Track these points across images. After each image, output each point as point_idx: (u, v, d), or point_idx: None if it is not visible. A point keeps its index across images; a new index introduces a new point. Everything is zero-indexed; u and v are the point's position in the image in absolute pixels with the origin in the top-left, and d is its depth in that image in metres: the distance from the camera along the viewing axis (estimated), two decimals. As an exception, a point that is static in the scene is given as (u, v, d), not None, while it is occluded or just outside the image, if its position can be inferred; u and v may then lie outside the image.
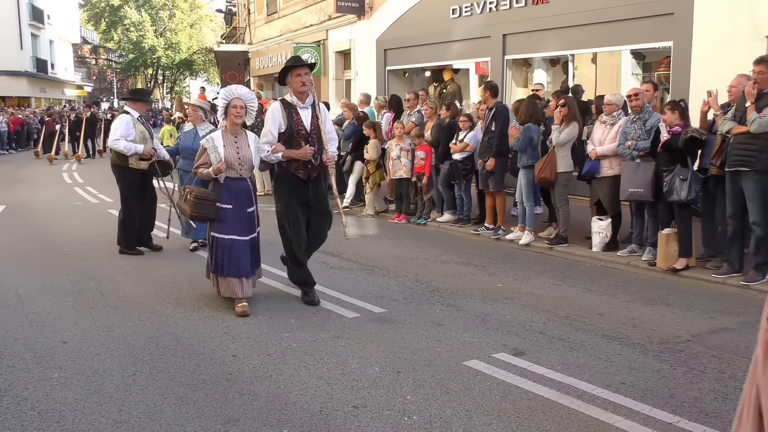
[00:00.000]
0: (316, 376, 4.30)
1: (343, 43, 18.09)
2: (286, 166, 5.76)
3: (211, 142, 5.61)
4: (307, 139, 5.72)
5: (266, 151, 5.71)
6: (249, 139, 5.70)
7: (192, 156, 7.77)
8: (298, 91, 5.73)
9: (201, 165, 5.62)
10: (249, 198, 5.72)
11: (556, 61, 12.88)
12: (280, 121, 5.69)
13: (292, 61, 5.90)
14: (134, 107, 7.90)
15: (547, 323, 5.37)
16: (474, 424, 3.64)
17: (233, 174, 5.60)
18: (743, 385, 4.05)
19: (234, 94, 5.61)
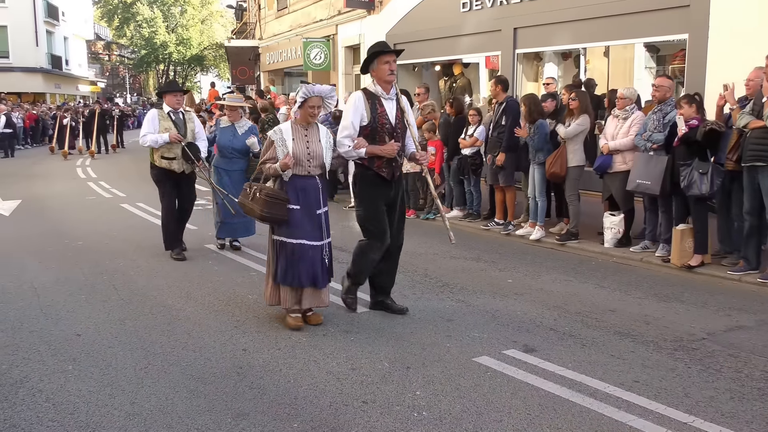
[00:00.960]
0: (325, 370, 4.30)
1: (353, 38, 18.05)
2: (368, 163, 5.14)
3: (278, 134, 5.03)
4: (391, 134, 5.15)
5: (347, 146, 5.08)
6: (321, 133, 5.11)
7: (232, 154, 7.63)
8: (384, 80, 5.11)
9: (267, 160, 5.02)
10: (318, 198, 5.09)
11: (567, 54, 12.78)
12: (362, 113, 5.09)
13: (380, 47, 5.21)
14: (166, 101, 7.38)
15: (558, 320, 5.34)
16: (484, 420, 3.62)
17: (301, 171, 5.01)
18: (760, 385, 4.02)
19: (314, 92, 5.01)
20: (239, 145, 7.60)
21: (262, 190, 5.01)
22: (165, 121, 7.21)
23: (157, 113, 7.28)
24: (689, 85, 9.24)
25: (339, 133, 5.15)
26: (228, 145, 7.62)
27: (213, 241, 8.30)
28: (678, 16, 9.68)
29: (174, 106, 7.29)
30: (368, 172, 5.19)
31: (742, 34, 8.71)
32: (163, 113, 7.26)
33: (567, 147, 7.81)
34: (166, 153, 7.19)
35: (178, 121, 7.28)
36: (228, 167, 7.66)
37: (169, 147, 7.17)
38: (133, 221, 9.95)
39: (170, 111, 7.28)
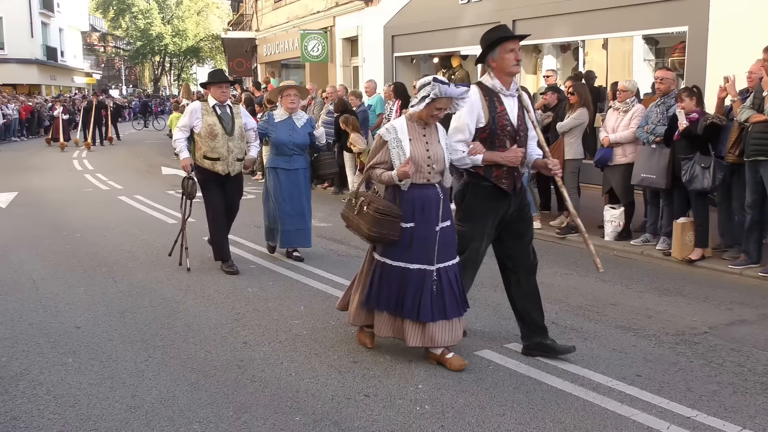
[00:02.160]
0: (327, 363, 4.28)
1: (351, 30, 17.97)
2: (485, 173, 4.24)
3: (392, 134, 4.16)
4: (514, 138, 4.26)
5: (461, 152, 4.21)
6: (440, 133, 4.26)
7: (293, 151, 6.74)
8: (507, 72, 4.25)
9: (377, 165, 4.19)
10: (439, 211, 4.21)
11: (566, 47, 12.76)
12: (479, 112, 4.19)
13: (504, 31, 4.36)
14: (211, 93, 6.45)
15: (560, 313, 5.33)
16: (487, 414, 3.61)
17: (420, 179, 4.14)
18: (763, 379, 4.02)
19: (446, 93, 4.07)
20: (301, 140, 6.73)
21: (371, 203, 4.15)
22: (209, 115, 6.34)
23: (200, 107, 6.42)
24: (689, 77, 9.22)
25: (450, 137, 4.27)
26: (288, 140, 6.68)
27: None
28: (678, 8, 9.65)
29: (220, 99, 6.41)
30: (484, 183, 4.27)
31: (742, 26, 8.69)
32: (208, 107, 6.39)
33: (564, 140, 7.80)
34: (209, 152, 6.33)
35: (224, 116, 6.41)
36: (288, 166, 6.76)
37: (212, 146, 6.33)
38: (130, 213, 9.91)
39: (216, 104, 6.40)
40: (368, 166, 4.28)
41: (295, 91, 6.81)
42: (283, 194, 6.74)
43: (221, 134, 6.33)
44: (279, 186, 6.76)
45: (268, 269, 6.62)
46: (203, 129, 6.32)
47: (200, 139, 6.35)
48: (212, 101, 6.41)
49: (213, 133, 6.30)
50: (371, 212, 4.12)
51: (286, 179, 6.75)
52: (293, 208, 6.72)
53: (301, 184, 6.83)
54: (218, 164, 6.37)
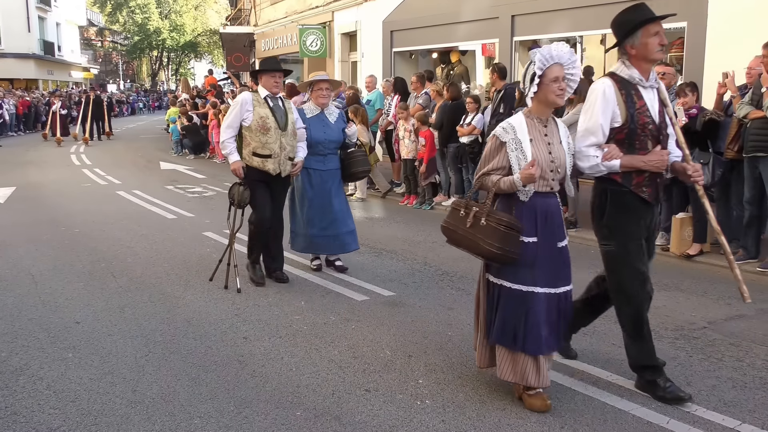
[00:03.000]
0: (327, 359, 4.29)
1: (349, 25, 17.93)
2: (623, 180, 3.63)
3: (510, 133, 3.54)
4: (656, 138, 3.64)
5: (594, 158, 3.57)
6: (561, 131, 3.63)
7: (327, 150, 6.11)
8: (651, 59, 3.64)
9: (493, 171, 3.57)
10: (561, 224, 3.68)
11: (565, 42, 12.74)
12: (614, 108, 3.57)
13: (646, 12, 3.70)
14: (262, 82, 5.85)
15: (559, 308, 5.33)
16: (488, 408, 3.63)
17: (542, 186, 3.54)
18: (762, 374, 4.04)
19: (554, 58, 3.49)
20: (336, 137, 6.14)
21: (490, 214, 3.54)
22: (261, 107, 5.73)
23: (251, 98, 5.78)
24: (688, 73, 9.21)
25: (579, 141, 3.62)
26: (322, 138, 6.05)
27: (210, 228, 8.29)
28: (676, 3, 9.62)
29: (272, 90, 5.79)
30: (622, 191, 3.65)
31: (741, 22, 8.68)
32: (259, 98, 5.77)
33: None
34: (259, 148, 5.70)
35: (276, 108, 5.78)
36: (322, 166, 6.13)
37: (263, 141, 5.68)
38: (129, 209, 9.90)
39: (268, 96, 5.78)
40: (481, 173, 3.64)
41: (327, 85, 6.16)
42: (316, 197, 6.09)
43: (274, 128, 5.70)
44: (311, 188, 6.10)
45: (267, 264, 6.61)
46: (254, 122, 5.70)
47: (250, 133, 5.73)
48: (263, 92, 5.80)
49: (265, 126, 5.68)
50: (493, 225, 3.49)
51: (319, 181, 6.11)
52: (328, 211, 6.09)
53: (337, 185, 6.24)
54: (269, 162, 5.72)
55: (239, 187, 5.78)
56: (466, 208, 3.68)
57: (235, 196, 5.79)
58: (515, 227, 3.49)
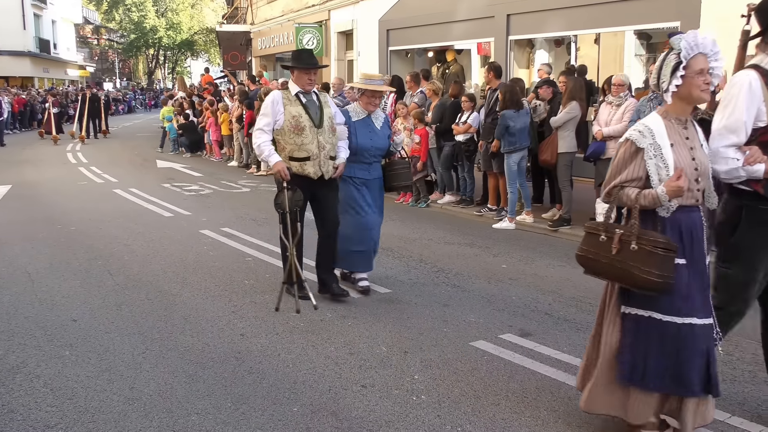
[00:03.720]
0: (324, 355, 4.33)
1: (346, 24, 17.97)
2: (764, 190, 3.16)
3: (648, 137, 3.05)
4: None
5: (734, 160, 3.13)
6: (700, 135, 3.19)
7: (374, 158, 5.62)
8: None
9: (627, 182, 3.08)
10: (704, 242, 3.11)
11: (559, 41, 12.80)
12: (759, 105, 3.15)
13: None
14: (293, 78, 5.35)
15: (553, 304, 5.39)
16: (482, 404, 3.67)
17: (688, 199, 3.04)
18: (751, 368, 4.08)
19: (698, 45, 3.02)
20: (382, 144, 5.64)
21: (641, 236, 2.99)
22: (293, 105, 5.22)
23: (281, 97, 5.26)
24: (681, 72, 9.27)
25: (717, 140, 3.21)
26: (369, 145, 5.53)
27: (207, 226, 8.32)
28: (669, 3, 9.70)
29: (305, 87, 5.29)
30: (762, 206, 3.19)
31: (733, 22, 8.73)
32: (290, 95, 5.27)
33: (558, 134, 7.86)
34: (295, 151, 5.19)
35: (310, 105, 5.27)
36: (367, 175, 5.61)
37: (298, 142, 5.17)
38: (126, 207, 9.92)
39: (299, 92, 5.29)
40: (612, 184, 3.12)
41: (381, 96, 5.73)
42: (366, 205, 5.60)
43: (309, 127, 5.18)
44: (354, 200, 5.57)
45: (264, 262, 6.66)
46: (286, 123, 5.18)
47: (282, 136, 5.22)
48: (294, 88, 5.30)
49: (299, 126, 5.16)
50: (648, 249, 2.94)
51: (366, 191, 5.61)
52: (368, 224, 5.59)
53: (379, 194, 5.75)
54: (308, 165, 5.18)
55: (287, 191, 5.15)
56: (607, 232, 3.10)
57: (285, 203, 5.16)
58: (672, 248, 2.95)
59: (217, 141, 16.54)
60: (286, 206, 5.17)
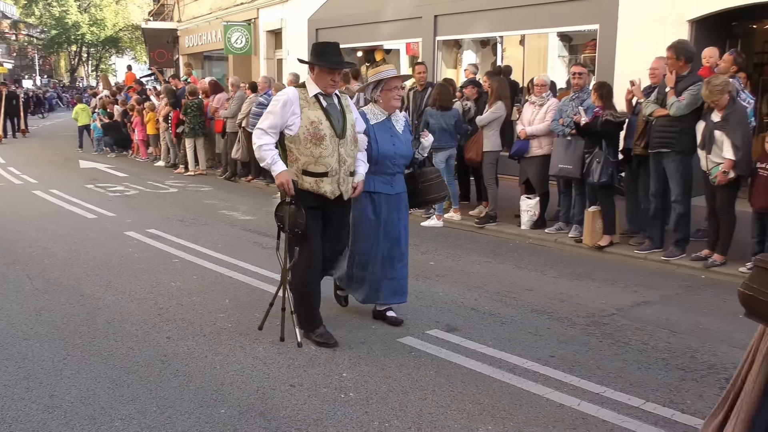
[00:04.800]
0: (252, 355, 4.31)
1: (275, 23, 17.82)
2: None
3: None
4: None
5: None
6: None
7: (396, 168, 4.75)
8: None
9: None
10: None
11: (485, 42, 13.09)
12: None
13: None
14: (314, 77, 4.41)
15: (479, 299, 5.52)
16: (410, 399, 3.74)
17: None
18: (664, 356, 4.31)
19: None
20: (407, 151, 4.81)
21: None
22: (311, 108, 4.33)
23: (297, 96, 4.35)
24: (599, 74, 9.65)
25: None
26: (391, 152, 4.67)
27: (133, 227, 8.11)
28: (589, 6, 10.09)
29: (327, 89, 4.40)
30: None
31: (649, 25, 9.16)
32: (307, 96, 4.37)
33: (483, 133, 8.05)
34: (311, 165, 4.32)
35: (331, 109, 4.39)
36: (390, 189, 4.75)
37: (316, 154, 4.30)
38: (47, 208, 9.55)
39: (319, 94, 4.40)
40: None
41: (401, 83, 4.87)
42: (382, 229, 4.76)
43: (329, 136, 4.30)
44: (376, 218, 4.73)
45: (191, 263, 6.55)
46: (303, 129, 4.29)
47: (297, 145, 4.32)
48: (313, 89, 4.39)
49: (318, 134, 4.28)
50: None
51: (386, 209, 4.74)
52: (395, 248, 4.81)
53: (402, 214, 4.86)
54: (325, 182, 4.33)
55: (289, 206, 4.36)
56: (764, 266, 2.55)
57: (286, 219, 4.38)
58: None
59: (143, 140, 16.11)
60: (287, 224, 4.38)
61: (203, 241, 7.42)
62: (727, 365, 4.18)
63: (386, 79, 4.67)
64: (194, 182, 12.18)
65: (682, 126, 6.26)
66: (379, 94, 4.73)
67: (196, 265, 6.46)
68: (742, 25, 9.87)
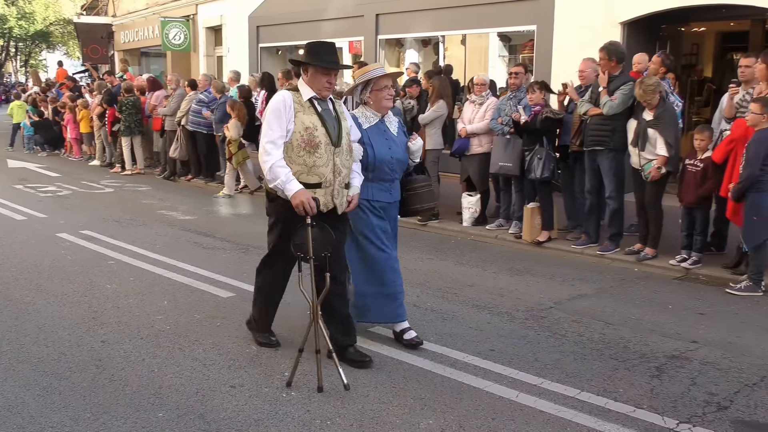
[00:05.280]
0: (191, 357, 4.23)
1: (214, 19, 17.52)
2: None
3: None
4: None
5: None
6: None
7: (394, 175, 4.43)
8: None
9: None
10: None
11: (427, 41, 13.20)
12: None
13: None
14: (307, 79, 4.05)
15: (421, 296, 5.56)
16: (352, 396, 3.73)
17: None
18: (599, 347, 4.44)
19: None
20: (403, 155, 4.47)
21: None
22: (305, 113, 3.99)
23: (291, 100, 4.00)
24: (537, 73, 9.86)
25: None
26: (387, 156, 4.35)
27: (66, 229, 7.84)
28: (527, 7, 10.30)
29: (322, 92, 4.05)
30: None
31: (583, 27, 9.41)
32: (301, 99, 4.02)
33: (425, 131, 8.11)
34: (304, 174, 3.97)
35: (326, 115, 4.05)
36: (388, 197, 4.46)
37: (310, 163, 3.96)
38: (-29, 211, 9.14)
39: (314, 98, 4.05)
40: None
41: (391, 82, 4.50)
42: (387, 240, 4.47)
43: (324, 144, 3.98)
44: (377, 228, 4.40)
45: (128, 265, 6.38)
46: (296, 135, 3.96)
47: (289, 152, 3.97)
48: (307, 92, 4.04)
49: (312, 141, 3.96)
50: None
51: (384, 219, 4.46)
52: (393, 260, 4.53)
53: (395, 224, 4.62)
54: (318, 194, 3.98)
55: (311, 228, 3.86)
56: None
57: (309, 244, 3.84)
58: None
59: (76, 139, 15.58)
60: (310, 250, 3.84)
61: (141, 242, 7.23)
62: (658, 354, 4.34)
63: (374, 79, 4.37)
64: (131, 182, 11.87)
65: (615, 124, 6.46)
66: (369, 95, 4.42)
67: (133, 267, 6.29)
68: (671, 27, 10.25)
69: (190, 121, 11.29)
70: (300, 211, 3.88)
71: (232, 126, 10.10)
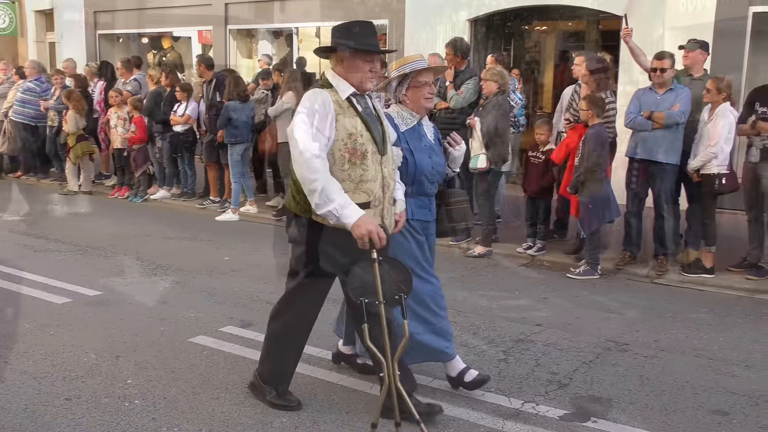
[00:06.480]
0: (19, 371, 3.85)
1: (44, 2, 16.17)
2: None
3: None
4: None
5: None
6: None
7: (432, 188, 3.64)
8: None
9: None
10: None
11: (280, 33, 13.02)
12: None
13: None
14: (340, 70, 3.22)
15: (275, 292, 5.35)
16: (201, 399, 3.57)
17: None
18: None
19: None
20: (443, 166, 3.70)
21: None
22: (347, 115, 3.17)
23: (330, 100, 3.14)
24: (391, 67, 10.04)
25: None
26: (429, 166, 3.57)
27: None
28: (379, 1, 10.45)
29: (364, 84, 3.22)
30: None
31: (433, 23, 9.70)
32: (340, 99, 3.18)
33: (276, 124, 7.97)
34: (350, 192, 3.12)
35: (368, 116, 3.24)
36: (429, 215, 3.69)
37: (356, 177, 3.16)
38: None
39: (353, 94, 3.22)
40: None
41: (433, 78, 3.70)
42: (429, 267, 3.72)
43: (371, 153, 3.20)
44: (419, 256, 3.62)
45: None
46: (339, 143, 3.14)
47: (331, 165, 3.13)
48: (345, 88, 3.21)
49: (358, 150, 3.16)
50: None
51: (424, 241, 3.67)
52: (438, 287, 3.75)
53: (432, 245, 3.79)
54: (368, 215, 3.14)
55: (378, 266, 3.01)
56: None
57: (379, 285, 2.99)
58: None
59: None
60: (380, 294, 2.99)
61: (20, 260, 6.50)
62: (505, 338, 4.52)
63: (413, 73, 3.56)
64: None
65: (463, 118, 6.67)
66: (405, 92, 3.60)
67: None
68: (515, 26, 10.82)
69: (15, 111, 10.33)
70: (365, 244, 3.04)
71: (69, 118, 9.37)
